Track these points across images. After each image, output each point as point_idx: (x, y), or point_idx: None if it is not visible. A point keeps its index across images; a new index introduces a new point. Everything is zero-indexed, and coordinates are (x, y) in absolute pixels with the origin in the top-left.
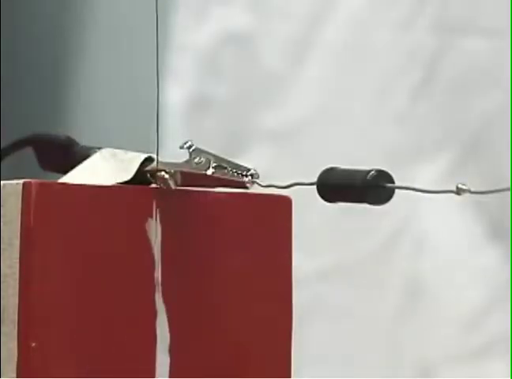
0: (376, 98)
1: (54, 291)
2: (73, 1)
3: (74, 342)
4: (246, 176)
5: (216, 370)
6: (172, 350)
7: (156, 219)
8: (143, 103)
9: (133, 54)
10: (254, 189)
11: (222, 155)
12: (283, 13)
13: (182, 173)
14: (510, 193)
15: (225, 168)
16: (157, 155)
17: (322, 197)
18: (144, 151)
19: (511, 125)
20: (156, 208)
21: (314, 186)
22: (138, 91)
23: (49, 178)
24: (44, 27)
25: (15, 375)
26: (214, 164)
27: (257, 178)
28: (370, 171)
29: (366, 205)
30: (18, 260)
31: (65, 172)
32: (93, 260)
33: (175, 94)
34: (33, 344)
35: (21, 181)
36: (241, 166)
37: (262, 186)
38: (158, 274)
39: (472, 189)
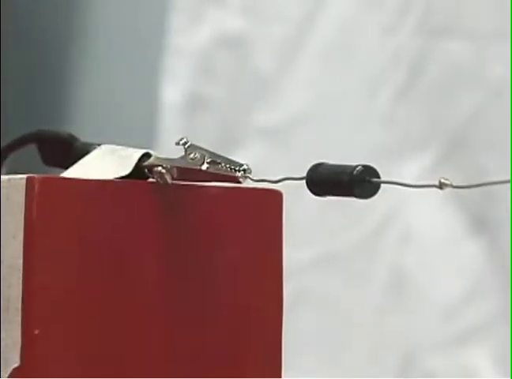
0: (363, 98)
1: (57, 282)
2: (74, 1)
3: (76, 330)
4: (239, 171)
5: (207, 362)
6: (165, 342)
7: (152, 212)
8: (142, 101)
9: (133, 54)
10: (247, 184)
11: (216, 152)
12: (275, 16)
13: (177, 168)
14: (498, 187)
15: (219, 163)
16: (155, 150)
17: (311, 190)
18: (142, 148)
19: (511, 125)
20: (153, 201)
21: (304, 181)
22: (137, 90)
23: (51, 173)
24: (45, 25)
25: (19, 361)
26: (208, 160)
27: (250, 173)
28: (356, 167)
29: (353, 199)
30: (22, 252)
31: (66, 168)
32: (93, 252)
33: (172, 94)
34: (36, 331)
35: (25, 176)
36: (234, 161)
37: (254, 181)
38: (154, 265)
39: (454, 184)
